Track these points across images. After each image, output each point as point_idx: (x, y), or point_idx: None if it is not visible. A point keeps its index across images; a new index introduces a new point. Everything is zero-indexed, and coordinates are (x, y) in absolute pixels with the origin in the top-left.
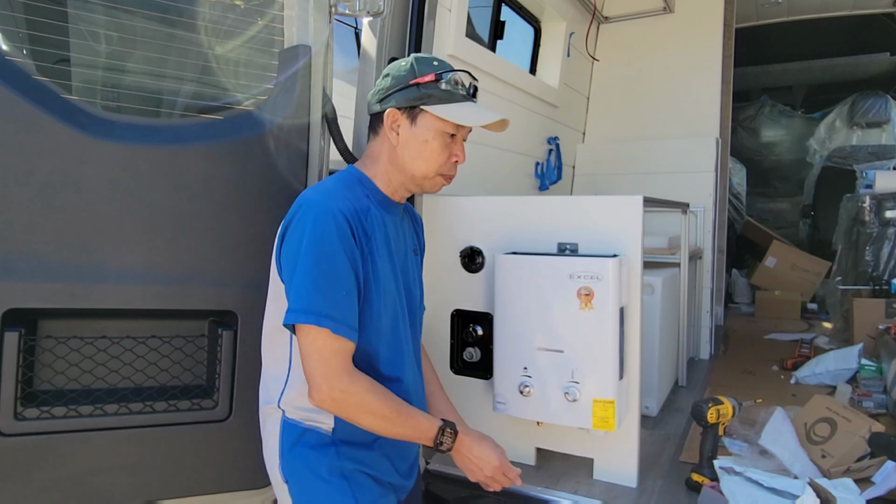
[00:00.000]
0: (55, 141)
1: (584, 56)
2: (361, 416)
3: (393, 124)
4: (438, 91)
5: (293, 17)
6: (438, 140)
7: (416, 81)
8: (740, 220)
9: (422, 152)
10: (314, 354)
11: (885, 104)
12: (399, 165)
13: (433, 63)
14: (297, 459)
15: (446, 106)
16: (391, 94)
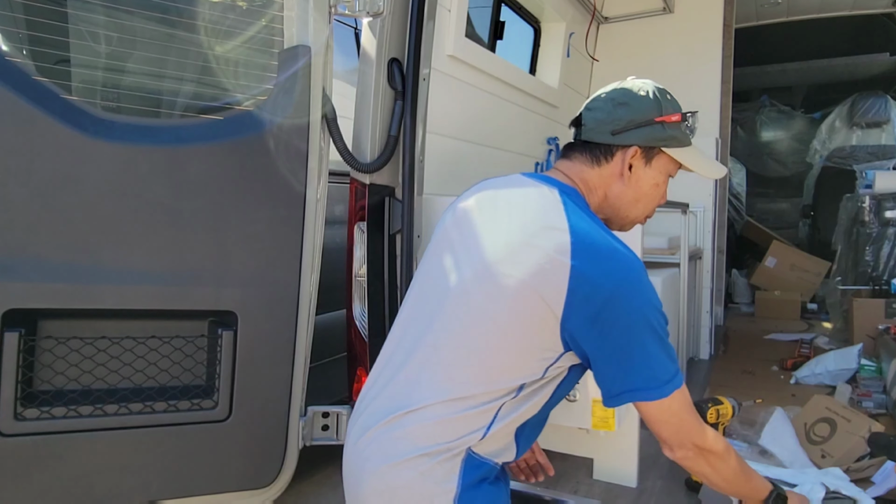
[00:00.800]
0: (55, 141)
1: (584, 56)
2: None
3: (631, 161)
4: (680, 133)
5: (293, 18)
6: (666, 184)
7: (662, 119)
8: (740, 220)
9: (647, 195)
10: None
11: (884, 104)
12: (615, 203)
13: (668, 97)
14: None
15: (685, 151)
16: (632, 130)
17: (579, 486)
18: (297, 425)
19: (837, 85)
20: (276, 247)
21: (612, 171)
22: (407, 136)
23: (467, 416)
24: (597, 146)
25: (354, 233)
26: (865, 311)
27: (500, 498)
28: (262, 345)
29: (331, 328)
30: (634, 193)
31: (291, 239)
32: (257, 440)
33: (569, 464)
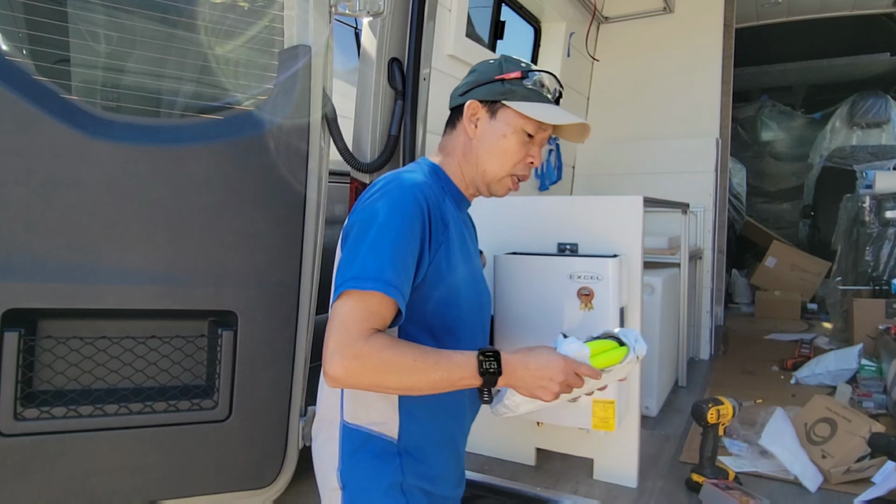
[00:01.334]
0: (55, 141)
1: (584, 56)
2: (385, 378)
3: (472, 116)
4: (522, 88)
5: (293, 17)
6: (516, 137)
7: (502, 77)
8: (740, 220)
9: (497, 147)
10: (337, 322)
11: (884, 104)
12: (473, 160)
13: (521, 63)
14: (359, 467)
15: (528, 104)
16: (474, 88)
17: (579, 486)
18: (297, 425)
19: (838, 85)
20: (276, 247)
21: (462, 129)
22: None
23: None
24: (454, 111)
25: None
26: (865, 311)
27: (383, 472)
28: (262, 345)
29: None
30: (485, 147)
31: (291, 239)
32: (257, 440)
33: (569, 464)
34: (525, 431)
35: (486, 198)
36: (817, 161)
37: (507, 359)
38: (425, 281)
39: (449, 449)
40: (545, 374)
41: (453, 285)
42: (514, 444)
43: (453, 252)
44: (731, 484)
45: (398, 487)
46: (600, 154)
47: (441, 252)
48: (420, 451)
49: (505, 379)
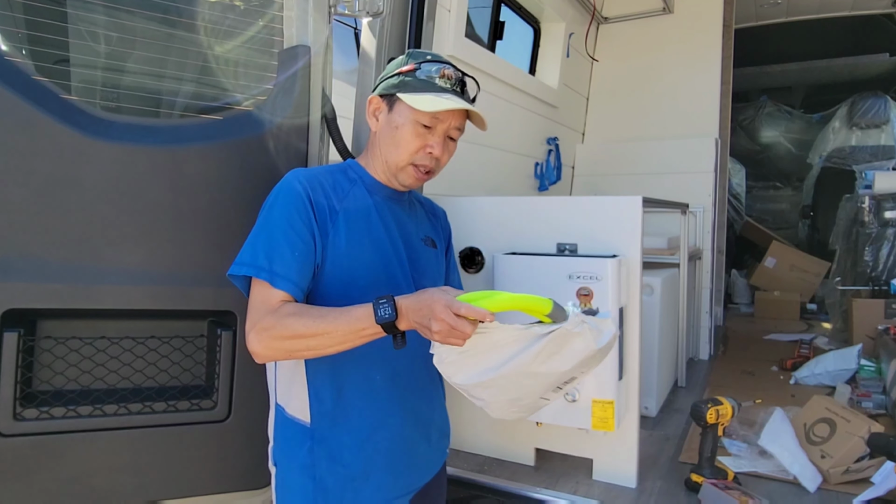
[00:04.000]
0: (54, 141)
1: (584, 56)
2: (292, 343)
3: (375, 111)
4: (415, 80)
5: (292, 18)
6: (409, 127)
7: (399, 71)
8: (740, 220)
9: (393, 138)
10: (250, 307)
11: (884, 105)
12: (377, 151)
13: (425, 56)
14: (282, 446)
15: (417, 94)
16: (379, 84)
17: (578, 486)
18: None
19: (837, 85)
20: None
21: (371, 124)
22: None
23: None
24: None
25: None
26: (865, 311)
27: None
28: None
29: None
30: (384, 139)
31: None
32: (257, 440)
33: (568, 464)
34: (525, 432)
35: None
36: (817, 161)
37: (401, 302)
38: (323, 265)
39: (373, 438)
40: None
41: (349, 272)
42: (514, 445)
43: (348, 238)
44: (731, 484)
45: (308, 471)
46: (600, 154)
47: (330, 238)
48: (334, 436)
49: (405, 322)
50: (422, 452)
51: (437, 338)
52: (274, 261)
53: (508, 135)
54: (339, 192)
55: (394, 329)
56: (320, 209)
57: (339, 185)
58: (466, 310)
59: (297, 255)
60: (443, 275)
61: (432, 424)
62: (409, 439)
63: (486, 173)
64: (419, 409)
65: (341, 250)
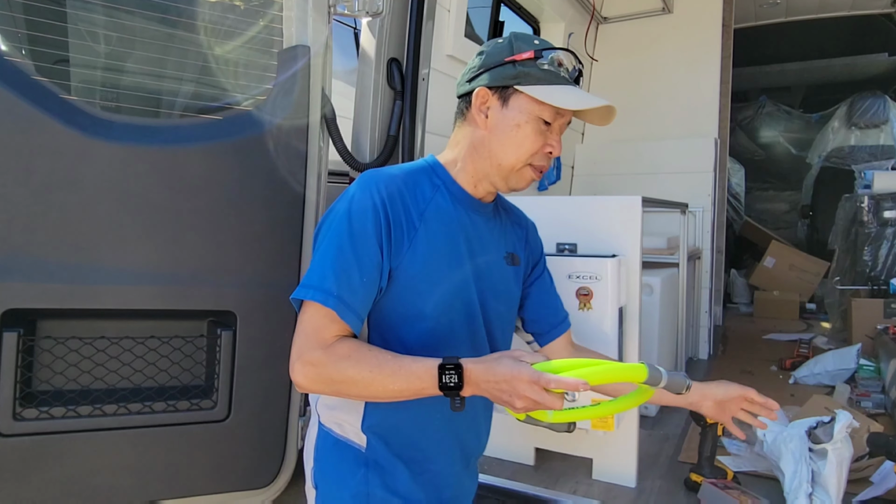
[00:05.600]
0: (54, 141)
1: (584, 56)
2: (342, 387)
3: (482, 105)
4: (537, 70)
5: (292, 18)
6: (532, 125)
7: (513, 59)
8: (739, 220)
9: (512, 138)
10: (299, 329)
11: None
12: (485, 152)
13: (533, 41)
14: (328, 470)
15: (544, 87)
16: (483, 73)
17: (578, 486)
18: (297, 425)
19: (836, 85)
20: (276, 247)
21: (472, 119)
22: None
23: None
24: (461, 99)
25: None
26: (864, 311)
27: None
28: (262, 345)
29: None
30: (497, 138)
31: (291, 239)
32: (256, 440)
33: (568, 464)
34: (525, 431)
35: (504, 194)
36: (816, 161)
37: (470, 371)
38: (391, 285)
39: (429, 467)
40: (507, 388)
41: (420, 295)
42: (514, 444)
43: (425, 259)
44: (730, 483)
45: (363, 499)
46: (599, 154)
47: (405, 256)
48: (391, 464)
49: (471, 389)
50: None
51: (520, 410)
52: (342, 288)
53: None
54: (419, 201)
55: (455, 395)
56: (397, 224)
57: (422, 191)
58: (556, 383)
59: (364, 283)
60: (518, 296)
61: (475, 454)
62: (457, 473)
63: None
64: (468, 443)
65: (415, 271)
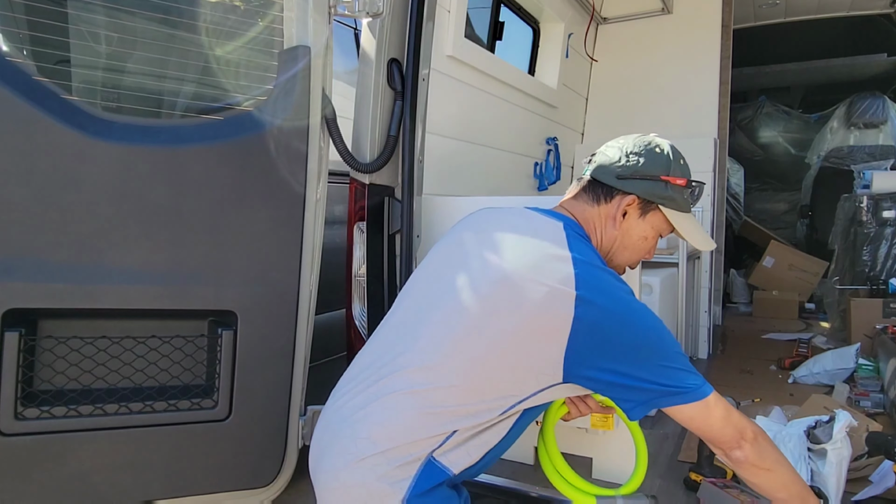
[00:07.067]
0: (55, 141)
1: (583, 57)
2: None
3: (627, 208)
4: (681, 198)
5: (293, 18)
6: (654, 241)
7: (668, 179)
8: (738, 220)
9: (637, 246)
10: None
11: (882, 105)
12: (606, 246)
13: (681, 161)
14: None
15: (680, 216)
16: (637, 179)
17: None
18: (297, 424)
19: (835, 85)
20: (276, 247)
21: (608, 213)
22: (406, 136)
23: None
24: (600, 186)
25: (354, 233)
26: (863, 310)
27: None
28: (262, 344)
29: (331, 328)
30: (623, 241)
31: (291, 239)
32: (257, 439)
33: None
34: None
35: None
36: (815, 161)
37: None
38: None
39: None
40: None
41: None
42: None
43: None
44: (729, 482)
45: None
46: None
47: None
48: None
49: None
50: None
51: None
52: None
53: (508, 135)
54: None
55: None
56: None
57: None
58: None
59: None
60: None
61: None
62: None
63: (486, 173)
64: None
65: None
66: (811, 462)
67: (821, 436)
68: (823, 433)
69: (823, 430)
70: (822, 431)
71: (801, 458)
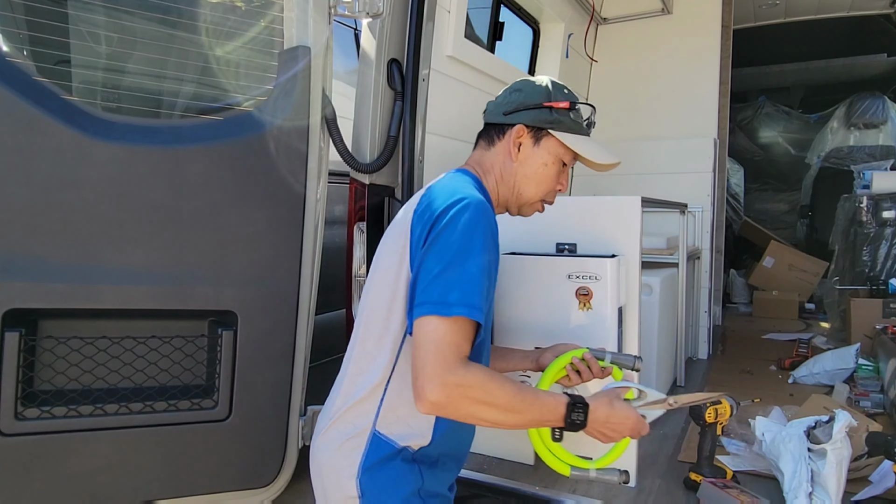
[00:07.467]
0: (55, 141)
1: (583, 57)
2: (483, 410)
3: (517, 139)
4: (569, 120)
5: (293, 19)
6: (555, 167)
7: (550, 105)
8: (738, 220)
9: (537, 174)
10: (431, 346)
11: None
12: (509, 182)
13: (565, 90)
14: (381, 475)
15: (573, 136)
16: (521, 111)
17: (577, 485)
18: (297, 424)
19: (835, 86)
20: (276, 247)
21: (503, 149)
22: (406, 136)
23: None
24: (493, 127)
25: (354, 233)
26: (863, 310)
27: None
28: (262, 344)
29: (331, 328)
30: (524, 171)
31: (291, 239)
32: (257, 439)
33: None
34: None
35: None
36: (815, 161)
37: (594, 412)
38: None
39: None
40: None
41: (489, 301)
42: (513, 444)
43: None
44: (729, 483)
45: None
46: None
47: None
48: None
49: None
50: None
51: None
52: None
53: None
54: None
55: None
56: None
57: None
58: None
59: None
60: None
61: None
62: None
63: None
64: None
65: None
66: (811, 462)
67: (821, 436)
68: (823, 433)
69: (823, 430)
70: (822, 431)
71: (801, 458)
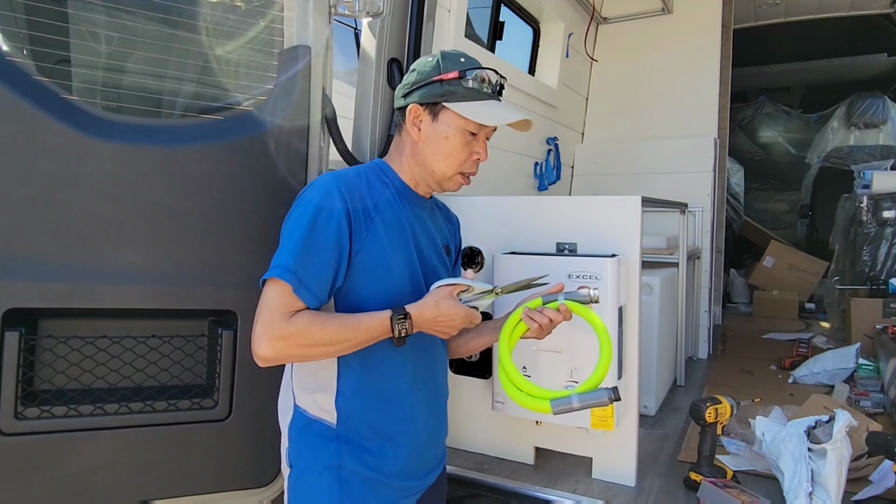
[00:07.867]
0: (55, 141)
1: (583, 57)
2: (310, 350)
3: (415, 120)
4: (461, 89)
5: (293, 18)
6: (459, 137)
7: (440, 78)
8: (738, 220)
9: (442, 149)
10: (263, 307)
11: (882, 105)
12: (420, 161)
13: (459, 59)
14: (302, 447)
15: (468, 104)
16: (415, 90)
17: (578, 485)
18: None
19: (835, 85)
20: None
21: (406, 131)
22: None
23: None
24: (398, 112)
25: None
26: (863, 310)
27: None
28: None
29: None
30: (430, 149)
31: None
32: (257, 439)
33: (567, 463)
34: (524, 430)
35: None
36: (815, 161)
37: (418, 317)
38: (353, 271)
39: (396, 442)
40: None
41: (381, 277)
42: (513, 443)
43: (381, 243)
44: (729, 482)
45: (333, 471)
46: (599, 154)
47: (366, 244)
48: (360, 438)
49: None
50: (431, 454)
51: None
52: (299, 266)
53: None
54: (374, 195)
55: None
56: (356, 215)
57: (374, 188)
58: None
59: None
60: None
61: (441, 427)
62: (423, 442)
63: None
64: (434, 413)
65: (374, 255)
66: (811, 462)
67: (821, 436)
68: (823, 433)
69: (823, 430)
70: (822, 431)
71: (801, 457)
